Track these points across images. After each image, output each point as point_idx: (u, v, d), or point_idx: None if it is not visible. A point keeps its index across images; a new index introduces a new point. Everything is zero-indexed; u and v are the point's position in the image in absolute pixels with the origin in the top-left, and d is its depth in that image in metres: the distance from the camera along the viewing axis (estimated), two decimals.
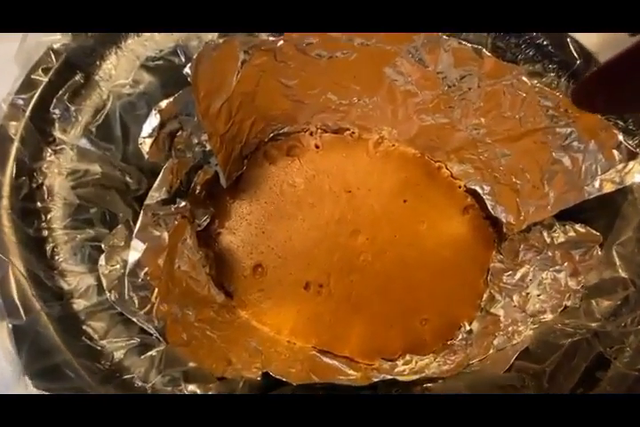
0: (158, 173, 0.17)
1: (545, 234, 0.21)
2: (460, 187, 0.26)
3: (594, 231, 0.18)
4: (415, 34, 0.19)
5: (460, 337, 0.23)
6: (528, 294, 0.21)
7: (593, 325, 0.16)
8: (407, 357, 0.22)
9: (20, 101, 0.13)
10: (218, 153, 0.20)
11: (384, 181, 0.25)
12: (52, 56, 0.13)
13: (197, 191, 0.22)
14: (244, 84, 0.19)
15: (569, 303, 0.18)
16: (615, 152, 0.16)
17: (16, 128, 0.12)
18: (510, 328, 0.20)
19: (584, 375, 0.15)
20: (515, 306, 0.21)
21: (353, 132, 0.26)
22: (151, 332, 0.13)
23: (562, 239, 0.20)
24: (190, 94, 0.16)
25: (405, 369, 0.20)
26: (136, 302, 0.13)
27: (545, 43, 0.19)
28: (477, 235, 0.25)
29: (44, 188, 0.13)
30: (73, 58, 0.14)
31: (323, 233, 0.24)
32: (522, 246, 0.23)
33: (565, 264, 0.20)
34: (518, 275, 0.22)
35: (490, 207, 0.24)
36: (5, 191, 0.12)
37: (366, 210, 0.25)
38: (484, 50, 0.18)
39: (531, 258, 0.22)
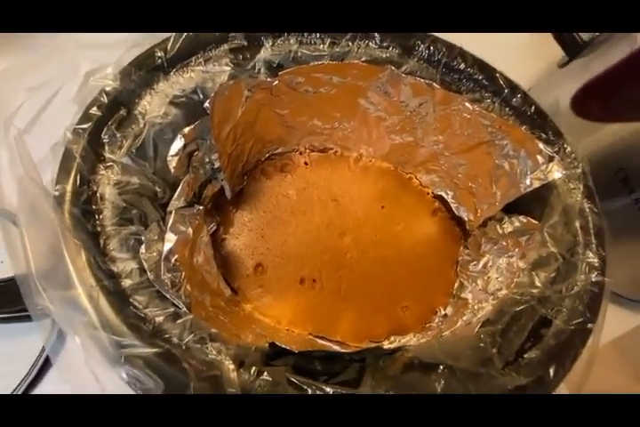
0: (178, 186, 0.21)
1: (497, 226, 0.25)
2: (428, 193, 0.30)
3: (533, 220, 0.23)
4: (380, 72, 0.24)
5: (437, 320, 0.26)
6: (489, 277, 0.25)
7: (535, 291, 0.20)
8: (392, 338, 0.25)
9: (80, 130, 0.17)
10: (225, 169, 0.24)
11: (364, 190, 0.30)
12: (104, 96, 0.17)
13: (206, 202, 0.25)
14: (246, 114, 0.24)
15: (519, 279, 0.22)
16: (539, 157, 0.21)
17: (77, 149, 0.16)
18: (476, 306, 0.24)
19: (531, 333, 0.19)
20: (479, 289, 0.25)
21: (336, 151, 0.30)
22: (180, 306, 0.16)
23: (510, 229, 0.24)
24: (206, 123, 0.20)
25: (390, 347, 0.23)
26: (168, 282, 0.17)
27: (480, 77, 0.24)
28: (446, 233, 0.29)
29: (98, 194, 0.17)
30: (119, 97, 0.18)
31: (314, 236, 0.28)
32: (482, 240, 0.27)
33: (516, 250, 0.24)
34: (481, 263, 0.26)
35: (454, 209, 0.29)
36: (69, 197, 0.16)
37: (350, 215, 0.29)
38: (434, 83, 0.23)
39: (490, 248, 0.26)
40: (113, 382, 0.14)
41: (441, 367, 0.17)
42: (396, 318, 0.27)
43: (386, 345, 0.24)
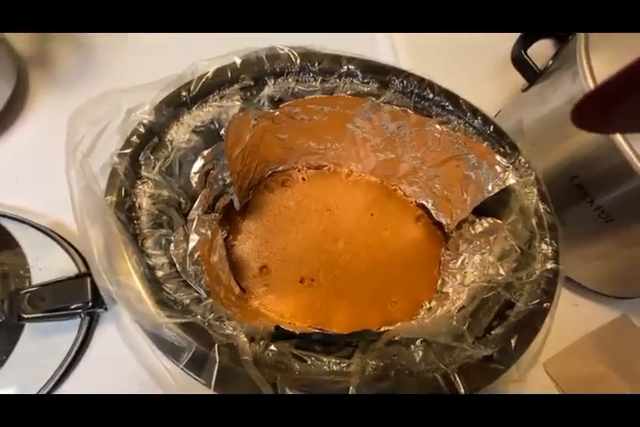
0: (196, 198, 0.25)
1: (470, 228, 0.29)
2: (411, 202, 0.34)
3: (498, 221, 0.27)
4: (363, 102, 0.28)
5: (423, 313, 0.30)
6: (466, 272, 0.28)
7: (500, 279, 0.23)
8: (382, 329, 0.28)
9: (123, 154, 0.21)
10: (234, 184, 0.28)
11: (355, 201, 0.34)
12: (142, 127, 0.22)
13: (219, 213, 0.30)
14: (253, 138, 0.28)
15: (488, 271, 0.25)
16: (497, 167, 0.26)
17: (121, 169, 0.21)
18: (455, 297, 0.27)
19: (497, 313, 0.22)
20: (458, 283, 0.29)
21: (329, 168, 0.35)
22: (201, 293, 0.20)
23: (480, 229, 0.28)
24: (221, 146, 0.25)
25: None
26: (192, 273, 0.21)
27: (447, 104, 0.29)
28: (429, 236, 0.33)
29: (137, 204, 0.21)
30: (153, 128, 0.22)
31: (312, 241, 0.32)
32: (460, 241, 0.31)
33: (487, 247, 0.28)
34: (459, 261, 0.30)
35: (434, 215, 0.33)
36: (115, 205, 0.20)
37: (343, 223, 0.33)
38: (408, 110, 0.28)
39: (466, 248, 0.30)
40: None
41: (419, 341, 0.21)
42: (386, 311, 0.30)
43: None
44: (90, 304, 0.28)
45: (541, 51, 0.36)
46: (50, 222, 0.33)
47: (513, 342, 0.21)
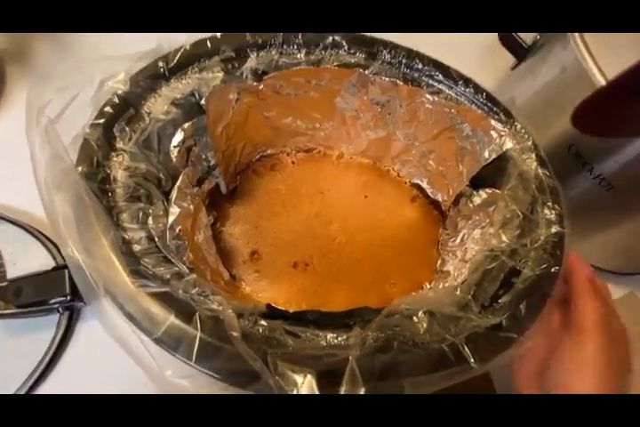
0: (177, 178, 0.24)
1: (468, 202, 0.28)
2: (405, 183, 0.33)
3: (497, 191, 0.25)
4: (351, 75, 0.28)
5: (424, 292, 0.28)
6: (466, 248, 0.27)
7: (503, 246, 0.22)
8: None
9: (96, 124, 0.20)
10: (219, 165, 0.27)
11: (347, 183, 0.33)
12: (116, 98, 0.21)
13: (203, 198, 0.28)
14: (237, 115, 0.27)
15: (491, 242, 0.24)
16: (492, 132, 0.25)
17: (93, 139, 0.19)
18: (456, 274, 0.26)
19: (503, 282, 0.21)
20: (459, 260, 0.27)
21: (320, 151, 0.34)
22: (183, 269, 0.18)
23: (479, 201, 0.27)
24: (202, 121, 0.24)
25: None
26: (174, 248, 0.19)
27: (437, 73, 0.28)
28: (426, 217, 0.32)
29: (111, 176, 0.19)
30: (128, 99, 0.21)
31: (304, 225, 0.30)
32: (458, 218, 0.29)
33: (487, 220, 0.26)
34: (459, 238, 0.29)
35: (430, 194, 0.32)
36: (86, 176, 0.19)
37: (336, 206, 0.32)
38: (397, 81, 0.27)
39: (465, 225, 0.29)
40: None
41: (421, 312, 0.19)
42: (384, 293, 0.28)
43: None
44: (68, 298, 0.26)
45: None
46: (26, 217, 0.31)
47: (522, 308, 0.19)
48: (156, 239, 0.18)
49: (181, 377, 0.14)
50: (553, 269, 0.21)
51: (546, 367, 0.20)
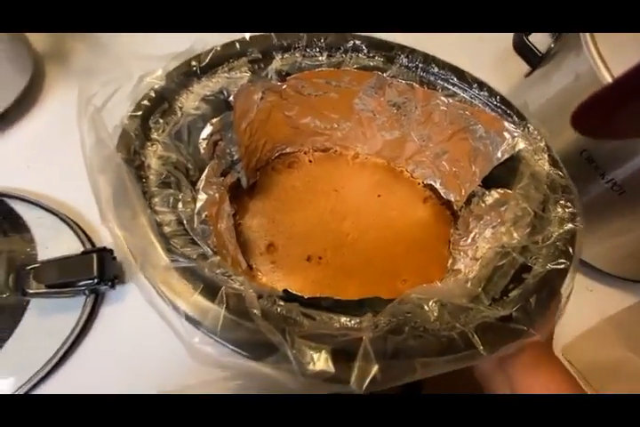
0: (204, 169, 0.25)
1: (480, 201, 0.28)
2: (419, 184, 0.34)
3: (508, 191, 0.26)
4: (370, 77, 0.29)
5: None
6: (477, 247, 0.28)
7: (514, 242, 0.22)
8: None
9: (134, 116, 0.22)
10: (242, 159, 0.29)
11: (362, 182, 0.34)
12: (153, 92, 0.23)
13: (227, 190, 0.30)
14: (260, 113, 0.29)
15: (502, 239, 0.24)
16: (505, 133, 0.26)
17: (131, 129, 0.21)
18: (467, 271, 0.27)
19: (513, 277, 0.21)
20: (470, 258, 0.28)
21: (336, 150, 0.35)
22: (208, 252, 0.20)
23: (490, 201, 0.27)
24: (229, 117, 0.25)
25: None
26: (200, 231, 0.20)
27: (452, 77, 0.29)
28: (437, 217, 0.33)
29: (145, 164, 0.21)
30: (163, 94, 0.23)
31: (319, 220, 0.31)
32: (470, 218, 0.30)
33: (498, 220, 0.27)
34: (470, 238, 0.29)
35: (443, 194, 0.33)
36: (125, 162, 0.20)
37: (350, 203, 0.33)
38: (414, 84, 0.28)
39: (476, 224, 0.29)
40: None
41: (432, 302, 0.20)
42: (396, 289, 0.29)
43: None
44: (95, 280, 0.28)
45: (541, 36, 0.37)
46: (59, 205, 0.33)
47: (532, 301, 0.20)
48: (185, 222, 0.20)
49: (207, 344, 0.15)
50: (564, 266, 0.21)
51: None
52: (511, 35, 0.38)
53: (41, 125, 0.37)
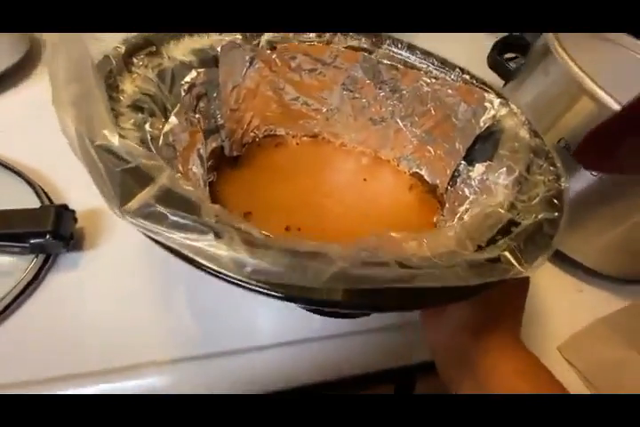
0: None
1: (466, 178, 0.28)
2: (405, 172, 0.34)
3: (492, 163, 0.26)
4: (357, 56, 0.30)
5: None
6: (463, 219, 0.26)
7: (500, 199, 0.21)
8: None
9: (119, 48, 0.22)
10: (226, 122, 0.28)
11: (347, 165, 0.33)
12: (141, 36, 0.23)
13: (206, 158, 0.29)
14: (249, 80, 0.29)
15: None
16: (486, 104, 0.26)
17: (114, 57, 0.21)
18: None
19: (501, 230, 0.20)
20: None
21: (324, 138, 0.35)
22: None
23: (476, 175, 0.27)
24: (216, 73, 0.25)
25: None
26: (164, 153, 0.19)
27: (435, 61, 0.30)
28: (423, 204, 0.32)
29: (120, 87, 0.20)
30: (152, 39, 0.23)
31: (301, 195, 0.30)
32: (456, 203, 0.29)
33: (484, 196, 0.26)
34: (456, 218, 0.28)
35: (428, 179, 0.32)
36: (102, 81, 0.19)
37: (334, 182, 0.32)
38: (399, 65, 0.30)
39: (462, 203, 0.28)
40: None
41: (412, 240, 0.18)
42: None
43: None
44: (48, 236, 0.25)
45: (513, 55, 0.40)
46: (25, 168, 0.31)
47: (521, 246, 0.18)
48: (149, 139, 0.18)
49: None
50: (555, 216, 0.20)
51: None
52: (485, 51, 0.41)
53: (30, 95, 0.38)
